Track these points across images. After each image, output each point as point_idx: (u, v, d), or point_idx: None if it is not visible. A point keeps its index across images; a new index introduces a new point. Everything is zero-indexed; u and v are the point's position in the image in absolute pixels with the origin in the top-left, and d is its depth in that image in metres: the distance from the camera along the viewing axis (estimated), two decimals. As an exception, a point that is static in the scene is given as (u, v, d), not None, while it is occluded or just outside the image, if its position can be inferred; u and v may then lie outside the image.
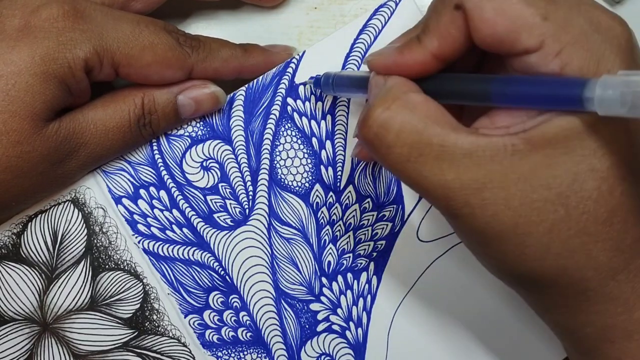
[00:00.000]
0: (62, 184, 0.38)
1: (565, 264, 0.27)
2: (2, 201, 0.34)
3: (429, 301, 0.41)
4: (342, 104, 0.40)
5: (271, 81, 0.40)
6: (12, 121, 0.32)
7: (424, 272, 0.41)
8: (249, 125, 0.40)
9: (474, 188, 0.27)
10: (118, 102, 0.36)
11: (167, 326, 0.40)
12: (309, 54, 0.40)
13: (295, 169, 0.40)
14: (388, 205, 0.41)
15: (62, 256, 0.39)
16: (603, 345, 0.29)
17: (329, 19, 0.41)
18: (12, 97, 0.32)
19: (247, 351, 0.40)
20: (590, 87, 0.24)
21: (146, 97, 0.37)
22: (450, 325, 0.41)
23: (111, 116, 0.36)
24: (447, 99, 0.30)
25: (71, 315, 0.39)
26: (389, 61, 0.31)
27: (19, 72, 0.32)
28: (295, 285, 0.40)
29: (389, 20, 0.40)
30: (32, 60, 0.33)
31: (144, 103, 0.36)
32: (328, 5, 0.41)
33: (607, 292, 0.28)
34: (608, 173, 0.27)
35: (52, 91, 0.33)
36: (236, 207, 0.40)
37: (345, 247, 0.41)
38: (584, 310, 0.29)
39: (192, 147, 0.39)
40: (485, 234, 0.28)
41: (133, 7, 0.37)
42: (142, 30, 0.35)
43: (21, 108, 0.32)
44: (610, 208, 0.27)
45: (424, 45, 0.30)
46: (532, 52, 0.27)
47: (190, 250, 0.40)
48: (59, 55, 0.33)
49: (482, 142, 0.27)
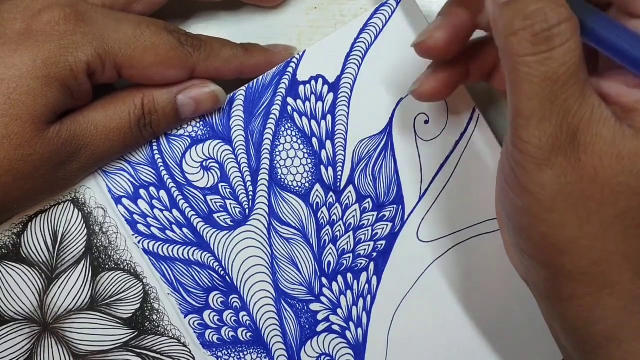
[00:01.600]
0: (63, 186, 0.38)
1: (614, 250, 0.27)
2: (3, 204, 0.34)
3: (429, 301, 0.41)
4: (342, 104, 0.40)
5: (271, 81, 0.40)
6: (14, 124, 0.32)
7: (424, 272, 0.41)
8: (249, 125, 0.40)
9: (580, 141, 0.27)
10: (118, 103, 0.36)
11: (167, 326, 0.40)
12: (310, 54, 0.40)
13: (296, 169, 0.40)
14: (388, 205, 0.41)
15: (62, 256, 0.39)
16: (610, 345, 0.29)
17: (329, 19, 0.41)
18: (14, 101, 0.32)
19: (247, 351, 0.40)
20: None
21: (146, 98, 0.36)
22: (451, 325, 0.41)
23: (111, 117, 0.36)
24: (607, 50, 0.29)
25: (71, 315, 0.39)
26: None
27: (21, 75, 0.32)
28: (295, 286, 0.40)
29: (390, 19, 0.40)
30: (34, 63, 0.33)
31: (144, 104, 0.36)
32: (328, 5, 0.41)
33: (633, 290, 0.28)
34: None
35: (54, 94, 0.33)
36: (236, 207, 0.40)
37: (345, 247, 0.41)
38: (603, 306, 0.28)
39: (192, 147, 0.39)
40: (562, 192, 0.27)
41: (134, 8, 0.37)
42: (144, 32, 0.35)
43: (23, 111, 0.32)
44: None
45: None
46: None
47: (190, 250, 0.40)
48: (61, 58, 0.33)
49: (603, 107, 0.27)
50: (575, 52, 0.26)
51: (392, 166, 0.40)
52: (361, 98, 0.40)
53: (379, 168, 0.40)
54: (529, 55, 0.27)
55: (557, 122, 0.27)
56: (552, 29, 0.26)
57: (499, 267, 0.40)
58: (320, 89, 0.40)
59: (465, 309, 0.41)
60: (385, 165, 0.40)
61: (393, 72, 0.40)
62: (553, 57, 0.26)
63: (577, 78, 0.27)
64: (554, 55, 0.26)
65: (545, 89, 0.27)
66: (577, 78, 0.27)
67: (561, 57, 0.26)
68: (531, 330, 0.41)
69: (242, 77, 0.39)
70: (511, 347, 0.41)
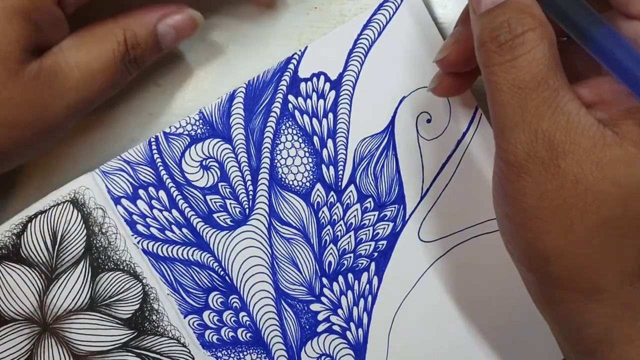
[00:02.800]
0: (55, 131, 0.35)
1: (599, 258, 0.27)
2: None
3: (430, 302, 0.40)
4: (344, 102, 0.40)
5: (272, 78, 0.39)
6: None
7: (425, 272, 0.40)
8: (249, 123, 0.39)
9: (557, 149, 0.27)
10: (98, 41, 0.34)
11: (167, 326, 0.40)
12: (311, 50, 0.39)
13: (296, 168, 0.40)
14: (389, 205, 0.40)
15: (62, 257, 0.39)
16: (603, 348, 0.29)
17: (329, 19, 0.40)
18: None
19: (247, 351, 0.40)
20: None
21: (127, 33, 0.35)
22: (451, 326, 0.41)
23: (95, 57, 0.34)
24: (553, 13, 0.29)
25: (71, 316, 0.39)
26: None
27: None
28: (296, 286, 0.40)
29: (394, 16, 0.39)
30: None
31: (126, 39, 0.35)
32: (328, 5, 0.40)
33: (621, 297, 0.28)
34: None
35: (16, 29, 0.31)
36: (236, 206, 0.40)
37: (346, 247, 0.40)
38: (593, 311, 0.28)
39: (192, 146, 0.39)
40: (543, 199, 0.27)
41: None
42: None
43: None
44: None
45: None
46: None
47: (189, 251, 0.40)
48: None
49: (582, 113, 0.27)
50: (542, 60, 0.27)
51: (393, 165, 0.40)
52: (363, 96, 0.40)
53: (380, 167, 0.40)
54: (496, 65, 0.27)
55: (530, 130, 0.27)
56: (516, 39, 0.27)
57: (500, 267, 0.40)
58: (321, 87, 0.40)
59: (466, 309, 0.41)
60: (387, 165, 0.40)
61: (396, 70, 0.40)
62: (517, 66, 0.27)
63: (547, 85, 0.27)
64: (519, 64, 0.27)
65: (513, 97, 0.27)
66: (547, 85, 0.27)
67: (526, 65, 0.27)
68: (531, 330, 0.40)
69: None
70: (511, 347, 0.41)
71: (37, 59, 0.33)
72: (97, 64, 0.34)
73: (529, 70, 0.27)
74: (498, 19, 0.27)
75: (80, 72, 0.34)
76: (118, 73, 0.35)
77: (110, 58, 0.34)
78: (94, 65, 0.34)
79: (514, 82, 0.27)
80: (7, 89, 0.31)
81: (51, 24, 0.33)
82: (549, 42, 0.27)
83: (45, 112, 0.33)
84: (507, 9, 0.28)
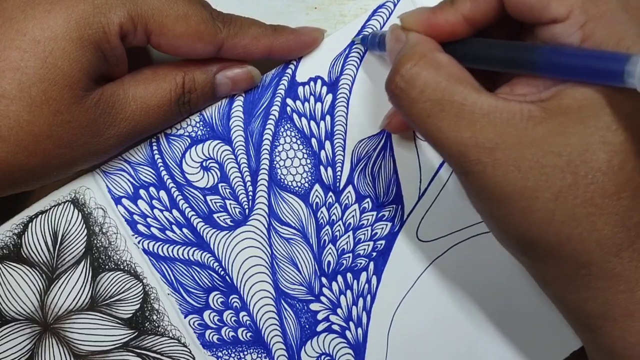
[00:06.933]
0: (101, 155, 0.37)
1: (569, 232, 0.28)
2: (43, 171, 0.34)
3: (429, 301, 0.41)
4: (341, 105, 0.40)
5: (270, 82, 0.40)
6: (52, 90, 0.32)
7: (423, 271, 0.41)
8: (249, 125, 0.40)
9: (487, 147, 0.28)
10: (159, 80, 0.36)
11: (167, 326, 0.40)
12: (308, 55, 0.40)
13: (295, 169, 0.40)
14: (387, 205, 0.41)
15: (63, 256, 0.39)
16: (605, 324, 0.29)
17: (329, 19, 0.41)
18: (50, 65, 0.32)
19: (247, 351, 0.40)
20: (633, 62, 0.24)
21: (187, 77, 0.37)
22: (450, 324, 0.41)
23: (152, 94, 0.36)
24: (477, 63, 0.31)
25: (71, 316, 0.39)
26: (421, 19, 0.32)
27: (56, 37, 0.32)
28: (295, 285, 0.40)
29: (388, 20, 0.40)
30: (68, 25, 0.32)
31: (185, 82, 0.37)
32: (328, 5, 0.41)
33: (610, 269, 0.28)
34: (620, 147, 0.27)
35: (88, 58, 0.33)
36: (236, 207, 0.40)
37: (344, 247, 0.41)
38: (585, 285, 0.29)
39: (192, 147, 0.40)
40: (494, 194, 0.28)
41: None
42: (177, 0, 0.35)
43: (59, 76, 0.32)
44: (618, 182, 0.27)
45: (456, 7, 0.31)
46: (559, 21, 0.28)
47: (190, 251, 0.40)
48: (94, 19, 0.33)
49: (500, 105, 0.28)
50: (435, 84, 0.29)
51: (391, 166, 0.41)
52: (360, 98, 0.40)
53: (378, 168, 0.41)
54: (406, 111, 0.31)
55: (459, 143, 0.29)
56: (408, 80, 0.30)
57: (498, 266, 0.40)
58: (319, 90, 0.40)
59: (465, 308, 0.41)
60: (385, 165, 0.41)
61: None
62: (419, 100, 0.30)
63: (452, 102, 0.29)
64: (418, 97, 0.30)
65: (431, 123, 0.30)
66: (453, 102, 0.29)
67: (424, 95, 0.30)
68: (531, 328, 0.41)
69: (271, 57, 0.38)
70: (511, 345, 0.41)
71: (100, 88, 0.34)
72: (153, 100, 0.36)
73: (428, 98, 0.29)
74: (394, 82, 0.31)
75: (136, 105, 0.35)
76: (171, 112, 0.37)
77: (166, 97, 0.36)
78: (150, 101, 0.36)
79: (423, 112, 0.29)
80: (70, 112, 0.33)
81: (115, 57, 0.35)
82: (435, 66, 0.29)
83: (97, 136, 0.35)
84: (397, 66, 0.30)
